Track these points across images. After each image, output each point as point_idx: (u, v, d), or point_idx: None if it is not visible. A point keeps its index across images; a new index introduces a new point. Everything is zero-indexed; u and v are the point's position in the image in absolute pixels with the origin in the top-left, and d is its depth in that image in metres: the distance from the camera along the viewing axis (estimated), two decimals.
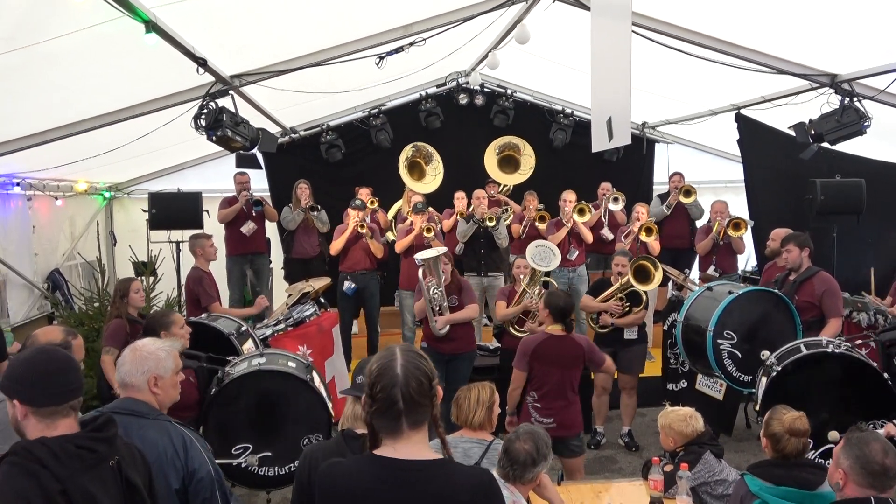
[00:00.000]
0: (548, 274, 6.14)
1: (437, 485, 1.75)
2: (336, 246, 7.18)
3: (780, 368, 4.12)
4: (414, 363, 1.77)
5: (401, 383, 1.73)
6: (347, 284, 7.17)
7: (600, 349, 5.60)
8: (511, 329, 5.82)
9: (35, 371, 2.01)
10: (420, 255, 5.50)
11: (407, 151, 8.14)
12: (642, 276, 5.86)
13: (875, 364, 4.25)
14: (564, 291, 4.89)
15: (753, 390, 4.63)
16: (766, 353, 4.35)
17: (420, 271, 5.46)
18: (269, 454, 3.96)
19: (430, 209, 7.91)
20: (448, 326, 5.41)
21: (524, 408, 4.46)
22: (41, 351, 2.15)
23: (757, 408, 4.27)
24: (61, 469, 1.88)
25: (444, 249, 5.62)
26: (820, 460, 3.75)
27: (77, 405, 2.04)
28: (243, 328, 5.22)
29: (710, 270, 7.08)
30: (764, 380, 4.19)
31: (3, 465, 1.89)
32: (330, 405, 4.11)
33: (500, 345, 6.18)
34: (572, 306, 4.62)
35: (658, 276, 5.95)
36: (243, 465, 3.89)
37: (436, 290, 5.41)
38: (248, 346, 5.05)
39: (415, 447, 1.77)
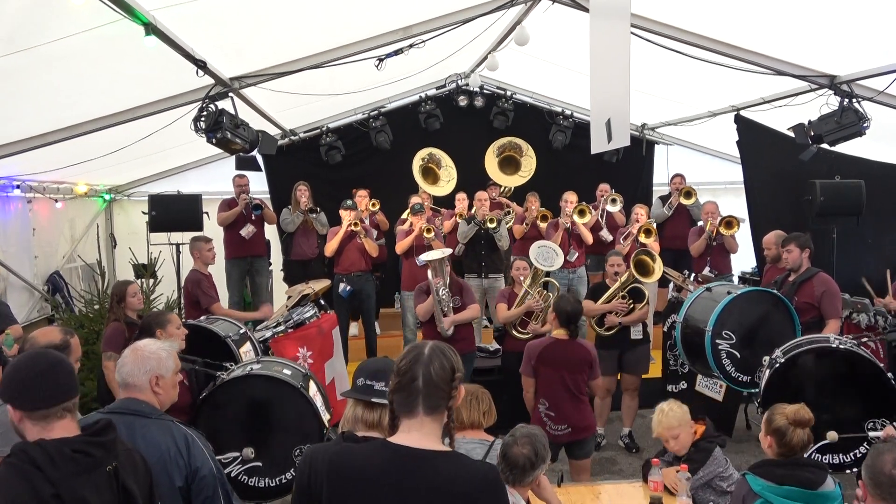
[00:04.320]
0: (548, 274, 6.14)
1: (444, 475, 1.78)
2: (330, 247, 7.15)
3: (784, 360, 4.09)
4: (442, 350, 1.88)
5: (424, 361, 1.83)
6: (342, 286, 7.14)
7: (607, 352, 5.65)
8: (514, 331, 5.80)
9: (22, 375, 2.01)
10: (425, 257, 5.51)
11: (418, 160, 8.20)
12: (642, 270, 5.88)
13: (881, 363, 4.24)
14: (575, 298, 4.90)
15: (752, 390, 4.61)
16: (767, 358, 4.34)
17: (429, 272, 5.49)
18: (259, 464, 3.85)
19: (444, 210, 7.96)
20: (453, 327, 5.45)
21: (536, 416, 4.45)
22: (30, 355, 2.12)
23: (759, 400, 4.25)
24: (55, 472, 1.87)
25: (448, 251, 5.64)
26: (817, 455, 3.75)
27: (71, 406, 2.02)
28: (242, 331, 5.19)
29: (706, 271, 7.08)
30: (767, 372, 4.15)
31: (2, 466, 1.90)
32: (323, 413, 3.99)
33: (500, 347, 6.19)
34: (580, 312, 4.62)
35: (658, 268, 5.97)
36: (233, 475, 3.79)
37: (444, 291, 5.45)
38: (247, 348, 5.03)
39: (427, 437, 1.82)
